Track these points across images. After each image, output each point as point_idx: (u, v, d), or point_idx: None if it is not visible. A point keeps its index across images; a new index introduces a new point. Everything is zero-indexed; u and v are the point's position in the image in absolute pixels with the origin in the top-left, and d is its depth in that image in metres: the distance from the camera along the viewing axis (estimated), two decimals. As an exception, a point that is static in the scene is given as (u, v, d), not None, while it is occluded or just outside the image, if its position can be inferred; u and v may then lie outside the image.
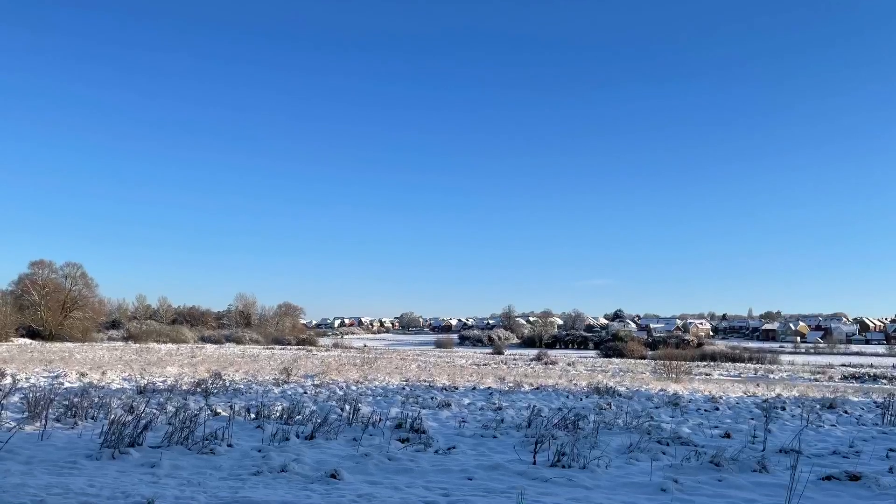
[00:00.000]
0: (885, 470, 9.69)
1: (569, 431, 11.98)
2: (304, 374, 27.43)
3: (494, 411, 16.03)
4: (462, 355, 78.58)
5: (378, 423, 12.55)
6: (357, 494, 6.97)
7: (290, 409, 13.10)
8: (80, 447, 9.35)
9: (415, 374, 30.51)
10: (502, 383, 26.49)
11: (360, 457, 9.23)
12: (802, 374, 50.67)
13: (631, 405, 18.82)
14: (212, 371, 25.87)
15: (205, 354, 49.47)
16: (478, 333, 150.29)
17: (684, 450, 10.37)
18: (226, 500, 6.49)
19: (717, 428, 14.35)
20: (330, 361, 41.72)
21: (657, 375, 38.26)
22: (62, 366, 27.85)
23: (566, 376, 34.67)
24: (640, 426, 13.35)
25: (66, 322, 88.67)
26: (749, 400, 22.11)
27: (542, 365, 53.28)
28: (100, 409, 12.75)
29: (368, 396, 18.73)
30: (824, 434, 14.17)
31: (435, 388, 22.75)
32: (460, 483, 7.87)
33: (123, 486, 7.04)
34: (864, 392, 29.13)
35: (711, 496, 7.59)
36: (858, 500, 7.73)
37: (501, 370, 39.72)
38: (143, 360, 36.98)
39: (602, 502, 6.68)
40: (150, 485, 7.19)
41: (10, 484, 6.80)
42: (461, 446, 10.53)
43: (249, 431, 11.25)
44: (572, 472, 8.30)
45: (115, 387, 18.92)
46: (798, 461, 9.62)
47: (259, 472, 8.11)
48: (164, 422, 11.06)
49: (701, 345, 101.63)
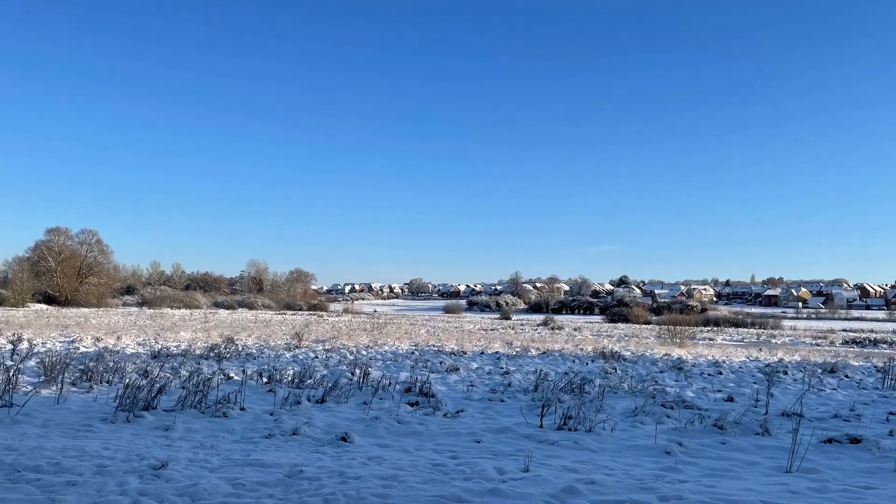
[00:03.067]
0: (885, 433, 9.68)
1: (575, 395, 12.00)
2: (315, 339, 27.57)
3: (502, 375, 16.07)
4: (470, 320, 78.82)
5: (388, 387, 12.60)
6: (367, 457, 7.00)
7: (302, 374, 13.16)
8: (96, 410, 9.42)
9: (424, 338, 30.62)
10: (510, 348, 26.55)
11: (370, 420, 9.27)
12: (804, 338, 50.64)
13: (636, 369, 18.85)
14: (224, 336, 26.01)
15: (217, 320, 49.80)
16: (485, 299, 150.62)
17: (688, 413, 10.37)
18: (238, 462, 6.52)
19: (720, 392, 14.34)
20: (340, 326, 41.92)
21: (661, 340, 38.27)
22: (78, 331, 28.07)
23: (572, 341, 34.72)
24: (645, 390, 13.36)
25: (81, 288, 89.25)
26: (752, 364, 22.10)
27: (548, 330, 53.37)
28: (115, 373, 12.84)
29: (378, 361, 18.81)
30: (826, 398, 14.16)
31: (443, 352, 22.82)
32: (468, 446, 7.89)
33: (138, 448, 7.09)
34: (865, 357, 29.08)
35: (715, 458, 7.58)
36: (859, 463, 7.72)
37: (509, 335, 39.83)
38: (157, 325, 37.25)
39: (607, 464, 6.68)
40: (163, 447, 7.24)
41: (27, 447, 6.85)
42: (469, 410, 10.57)
43: (261, 395, 11.31)
44: (578, 435, 8.31)
45: (129, 351, 19.06)
46: (800, 424, 9.63)
47: (271, 435, 8.15)
48: (177, 386, 11.14)
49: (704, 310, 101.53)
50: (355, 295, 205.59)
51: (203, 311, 79.09)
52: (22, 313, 51.91)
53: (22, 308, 67.20)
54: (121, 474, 5.83)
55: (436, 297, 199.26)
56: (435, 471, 6.33)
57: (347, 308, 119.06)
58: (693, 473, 6.63)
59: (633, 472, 6.34)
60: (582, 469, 6.31)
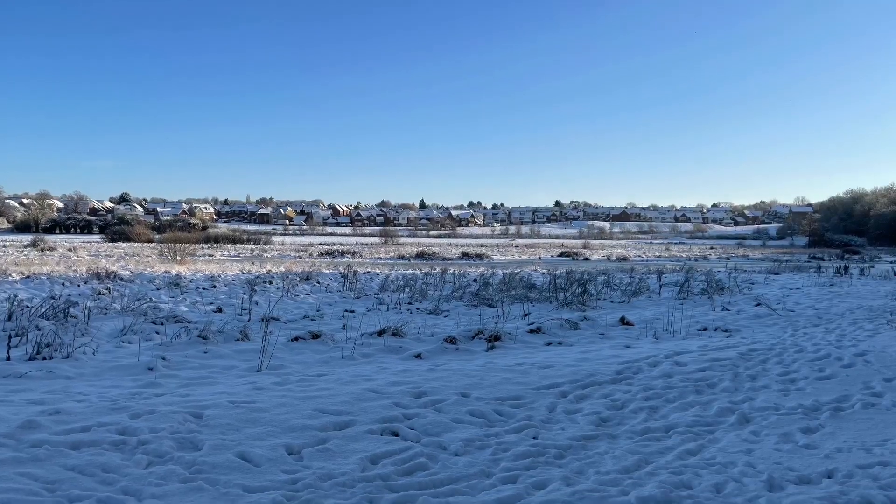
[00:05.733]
0: (339, 328, 11.10)
1: (58, 321, 10.58)
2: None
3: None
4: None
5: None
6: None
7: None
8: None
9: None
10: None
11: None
12: (290, 252, 54.79)
13: (131, 289, 17.66)
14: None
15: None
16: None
17: (177, 327, 10.15)
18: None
19: (212, 304, 14.45)
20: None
21: (163, 258, 36.63)
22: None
23: (65, 263, 30.65)
24: (138, 308, 12.60)
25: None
26: (244, 277, 22.84)
27: (38, 251, 46.16)
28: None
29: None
30: (300, 302, 15.54)
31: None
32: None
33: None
34: (335, 266, 32.84)
35: (196, 368, 7.58)
36: (318, 355, 8.67)
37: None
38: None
39: (82, 390, 6.04)
40: None
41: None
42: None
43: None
44: (54, 364, 7.34)
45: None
46: (276, 327, 10.36)
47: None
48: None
49: (206, 228, 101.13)
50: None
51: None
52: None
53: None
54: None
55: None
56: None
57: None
58: (172, 386, 6.49)
59: (109, 394, 5.86)
60: (50, 400, 5.56)
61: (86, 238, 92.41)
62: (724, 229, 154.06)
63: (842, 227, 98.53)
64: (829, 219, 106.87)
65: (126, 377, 6.90)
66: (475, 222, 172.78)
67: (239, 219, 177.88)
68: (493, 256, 49.71)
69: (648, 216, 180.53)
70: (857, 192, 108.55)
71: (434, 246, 64.34)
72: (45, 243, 51.40)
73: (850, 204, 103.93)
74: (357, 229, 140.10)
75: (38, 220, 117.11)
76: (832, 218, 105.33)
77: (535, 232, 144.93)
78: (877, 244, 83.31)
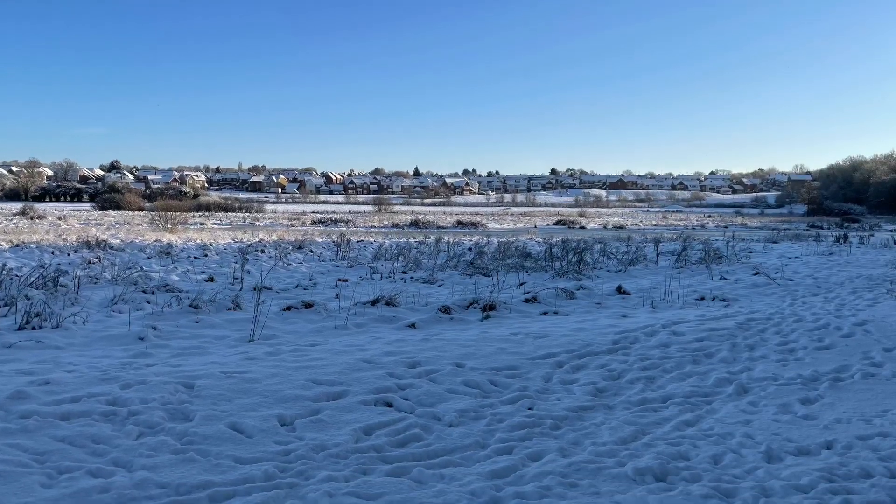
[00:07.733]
0: (332, 297, 11.07)
1: (48, 290, 10.51)
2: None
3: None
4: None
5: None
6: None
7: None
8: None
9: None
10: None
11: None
12: (282, 220, 54.52)
13: (122, 257, 17.56)
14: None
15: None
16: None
17: (168, 297, 10.08)
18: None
19: (203, 273, 14.39)
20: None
21: (154, 227, 36.42)
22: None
23: (55, 231, 30.47)
24: (129, 278, 12.52)
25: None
26: (236, 245, 22.76)
27: (27, 220, 45.85)
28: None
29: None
30: (293, 271, 15.49)
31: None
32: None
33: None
34: (328, 234, 32.71)
35: (188, 338, 7.55)
36: (310, 324, 8.63)
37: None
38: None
39: (72, 360, 6.00)
40: None
41: None
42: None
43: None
44: (43, 333, 7.28)
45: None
46: (268, 296, 10.30)
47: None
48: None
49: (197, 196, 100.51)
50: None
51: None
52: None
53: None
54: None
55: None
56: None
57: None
58: (163, 356, 6.46)
59: (99, 364, 5.83)
60: (40, 370, 5.52)
61: (76, 206, 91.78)
62: (721, 197, 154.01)
63: (841, 195, 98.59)
64: (828, 187, 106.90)
65: (116, 347, 6.86)
66: (470, 190, 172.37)
67: (231, 187, 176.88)
68: (488, 225, 49.62)
69: (645, 184, 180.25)
70: (856, 159, 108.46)
71: (428, 214, 64.14)
72: (34, 212, 51.04)
73: (850, 172, 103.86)
74: (350, 197, 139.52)
75: (28, 189, 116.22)
76: (831, 186, 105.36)
77: (531, 200, 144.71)
78: (876, 212, 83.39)
